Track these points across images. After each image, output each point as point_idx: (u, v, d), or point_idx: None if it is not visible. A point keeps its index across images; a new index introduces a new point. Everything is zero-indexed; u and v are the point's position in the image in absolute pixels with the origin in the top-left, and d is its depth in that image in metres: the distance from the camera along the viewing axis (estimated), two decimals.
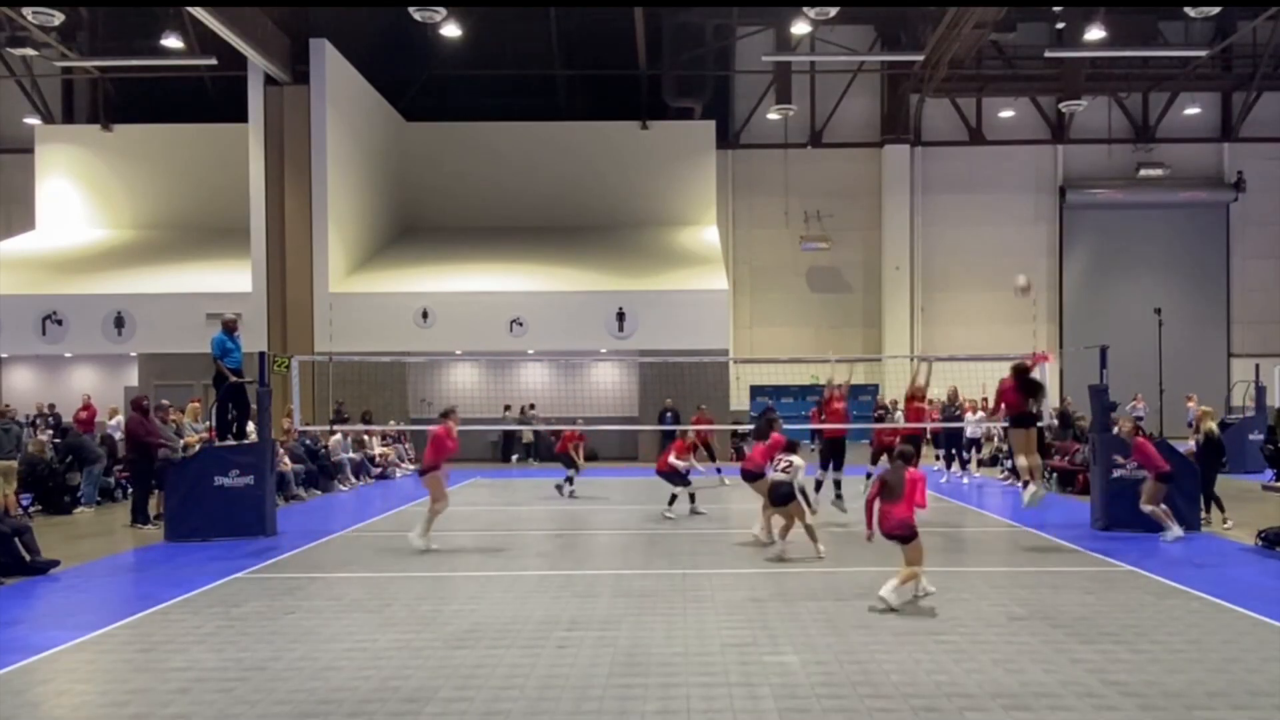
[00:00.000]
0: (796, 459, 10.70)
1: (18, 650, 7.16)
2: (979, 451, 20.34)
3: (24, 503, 13.96)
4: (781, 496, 10.51)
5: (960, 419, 18.58)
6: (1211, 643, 7.09)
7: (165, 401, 14.95)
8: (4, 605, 8.79)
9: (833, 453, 13.84)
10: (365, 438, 20.96)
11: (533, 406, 24.70)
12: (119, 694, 6.18)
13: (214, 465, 12.32)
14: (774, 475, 10.77)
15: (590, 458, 20.61)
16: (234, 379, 13.15)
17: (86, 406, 21.28)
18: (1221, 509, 12.84)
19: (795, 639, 7.27)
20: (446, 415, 11.57)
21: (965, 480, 18.77)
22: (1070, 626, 7.58)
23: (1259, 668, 6.51)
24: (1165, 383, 19.99)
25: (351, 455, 19.74)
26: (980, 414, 18.97)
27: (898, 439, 12.79)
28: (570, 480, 17.02)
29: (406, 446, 22.80)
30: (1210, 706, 5.78)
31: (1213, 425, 13.38)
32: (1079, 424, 17.66)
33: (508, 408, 24.82)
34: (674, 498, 13.90)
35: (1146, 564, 10.06)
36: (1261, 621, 7.70)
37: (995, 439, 20.96)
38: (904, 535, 8.22)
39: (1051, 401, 17.90)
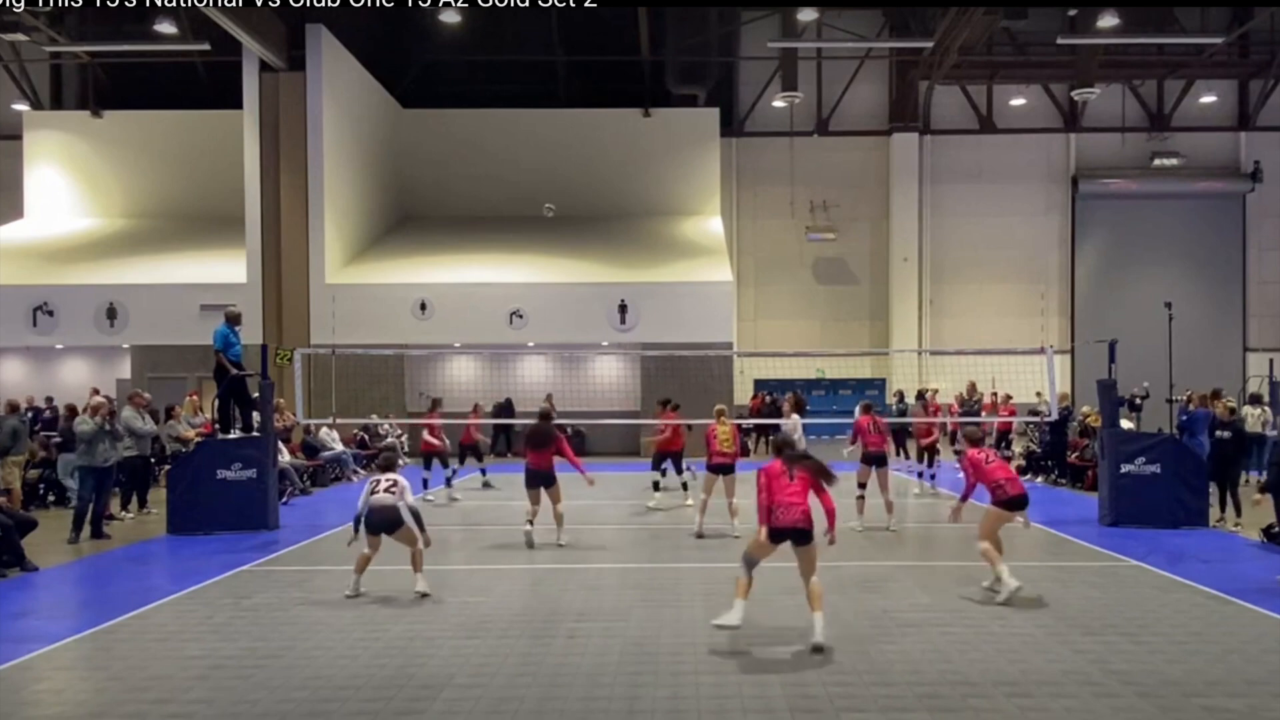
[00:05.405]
0: None
1: (33, 639, 7.26)
2: (1008, 449, 19.66)
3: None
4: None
5: (978, 414, 18.15)
6: (1213, 635, 7.18)
7: (147, 395, 14.38)
8: (12, 597, 8.83)
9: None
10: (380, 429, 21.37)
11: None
12: (139, 680, 6.31)
13: (216, 458, 12.27)
14: None
15: (588, 453, 20.13)
16: (236, 372, 13.02)
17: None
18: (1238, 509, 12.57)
19: (802, 630, 7.29)
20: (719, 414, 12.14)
21: None
22: (1074, 619, 7.71)
23: (1258, 658, 6.65)
24: (1179, 378, 19.45)
25: (348, 449, 19.31)
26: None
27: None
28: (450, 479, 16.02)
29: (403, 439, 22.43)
30: (1206, 694, 5.92)
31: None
32: (1087, 423, 17.22)
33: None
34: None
35: (1153, 559, 10.13)
36: (1263, 615, 7.81)
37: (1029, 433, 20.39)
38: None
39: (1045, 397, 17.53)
